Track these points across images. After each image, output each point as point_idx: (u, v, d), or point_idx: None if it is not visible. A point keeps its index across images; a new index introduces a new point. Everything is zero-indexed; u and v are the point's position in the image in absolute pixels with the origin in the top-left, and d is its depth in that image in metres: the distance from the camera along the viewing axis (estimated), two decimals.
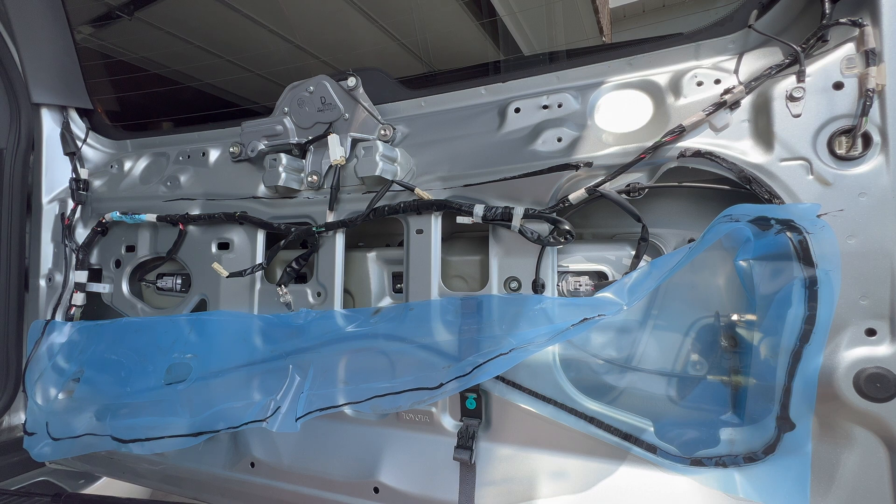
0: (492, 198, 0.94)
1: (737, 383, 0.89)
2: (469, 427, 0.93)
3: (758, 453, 0.76)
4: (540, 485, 0.89)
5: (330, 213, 1.08)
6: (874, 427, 0.70)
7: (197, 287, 1.24)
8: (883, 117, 0.70)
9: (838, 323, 0.70)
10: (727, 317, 0.90)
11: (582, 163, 0.87)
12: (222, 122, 1.34)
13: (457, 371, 0.87)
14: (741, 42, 0.86)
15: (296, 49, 1.41)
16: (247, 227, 1.19)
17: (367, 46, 1.37)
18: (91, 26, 1.52)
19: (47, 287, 1.41)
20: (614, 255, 0.96)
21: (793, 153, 0.74)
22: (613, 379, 0.98)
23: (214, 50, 1.50)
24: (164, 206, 1.30)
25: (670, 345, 0.95)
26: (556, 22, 1.11)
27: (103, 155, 1.52)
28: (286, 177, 1.10)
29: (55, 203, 1.44)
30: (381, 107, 1.12)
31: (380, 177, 0.99)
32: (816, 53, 0.76)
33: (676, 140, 0.80)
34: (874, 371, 0.68)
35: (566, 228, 0.85)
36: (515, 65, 1.07)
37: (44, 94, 1.41)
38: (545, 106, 0.97)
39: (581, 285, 0.94)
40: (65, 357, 1.33)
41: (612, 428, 0.85)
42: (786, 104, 0.75)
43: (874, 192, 0.70)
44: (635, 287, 0.79)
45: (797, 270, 0.72)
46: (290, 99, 1.15)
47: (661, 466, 0.82)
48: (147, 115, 1.53)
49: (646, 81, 0.90)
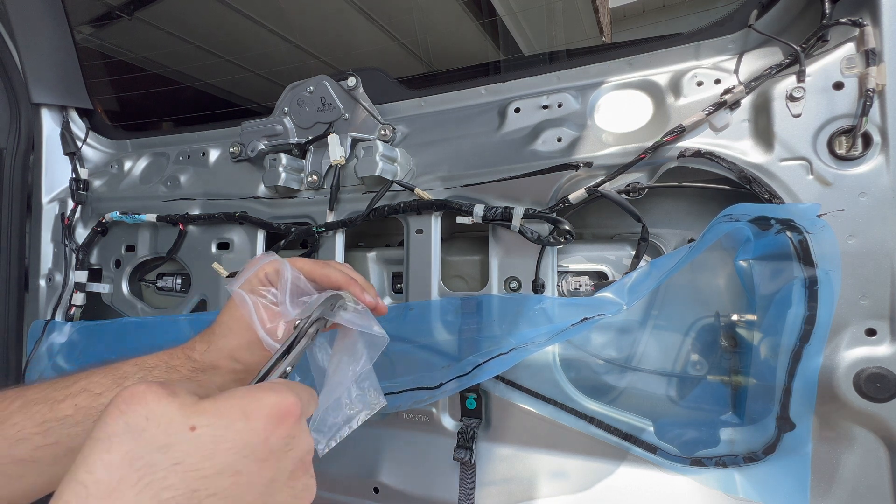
0: (492, 198, 0.94)
1: (737, 383, 0.89)
2: (469, 427, 0.93)
3: (758, 453, 0.76)
4: (540, 484, 0.89)
5: (330, 213, 1.08)
6: (874, 427, 0.70)
7: (197, 287, 1.24)
8: (883, 117, 0.70)
9: (838, 323, 0.70)
10: (727, 317, 0.90)
11: (582, 163, 0.87)
12: (222, 122, 1.34)
13: (457, 371, 0.87)
14: (741, 42, 0.86)
15: (296, 49, 1.41)
16: (247, 227, 1.19)
17: (367, 46, 1.37)
18: (91, 26, 1.52)
19: (47, 287, 1.41)
20: (614, 255, 0.96)
21: (793, 153, 0.74)
22: (613, 379, 0.98)
23: (214, 50, 1.50)
24: (164, 206, 1.30)
25: (670, 345, 0.95)
26: (556, 22, 1.11)
27: (103, 155, 1.52)
28: (286, 177, 1.10)
29: (55, 203, 1.44)
30: (381, 107, 1.12)
31: (380, 177, 0.99)
32: (816, 53, 0.76)
33: (676, 140, 0.80)
34: (874, 371, 0.68)
35: (566, 228, 0.85)
36: (515, 65, 1.07)
37: (44, 94, 1.41)
38: (545, 106, 0.97)
39: (581, 285, 0.94)
40: (65, 357, 1.33)
41: (612, 428, 0.85)
42: (786, 104, 0.75)
43: (874, 191, 0.70)
44: (635, 287, 0.79)
45: (797, 270, 0.72)
46: (290, 99, 1.15)
47: (661, 466, 0.82)
48: (147, 115, 1.53)
49: (646, 81, 0.90)
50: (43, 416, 0.52)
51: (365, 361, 0.58)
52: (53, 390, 0.55)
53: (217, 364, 0.61)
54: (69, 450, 0.53)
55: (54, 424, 0.52)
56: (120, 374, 0.58)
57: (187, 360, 0.61)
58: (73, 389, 0.55)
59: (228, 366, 0.61)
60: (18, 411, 0.53)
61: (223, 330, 0.62)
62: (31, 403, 0.53)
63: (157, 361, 0.61)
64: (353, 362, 0.58)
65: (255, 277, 0.62)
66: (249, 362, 0.61)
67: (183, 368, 0.61)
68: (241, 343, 0.61)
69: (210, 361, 0.61)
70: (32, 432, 0.52)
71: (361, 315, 0.59)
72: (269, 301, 0.61)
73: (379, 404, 0.58)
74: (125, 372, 0.58)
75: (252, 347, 0.60)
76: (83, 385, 0.56)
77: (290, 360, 0.49)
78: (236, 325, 0.61)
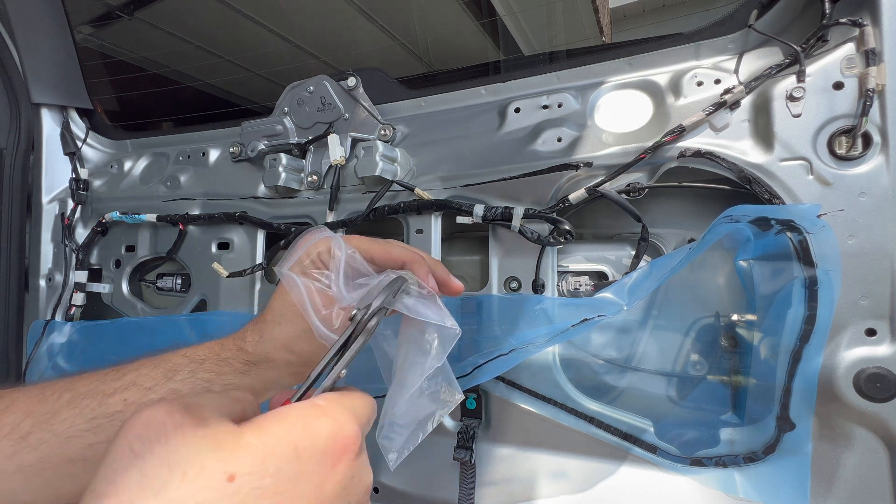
0: (492, 198, 0.94)
1: (737, 383, 0.89)
2: (469, 427, 0.93)
3: (758, 453, 0.76)
4: (540, 484, 0.89)
5: (330, 213, 1.08)
6: (874, 427, 0.70)
7: (197, 287, 1.24)
8: (883, 117, 0.70)
9: (838, 323, 0.70)
10: (727, 317, 0.90)
11: (582, 163, 0.87)
12: (222, 122, 1.34)
13: (457, 371, 0.87)
14: (741, 42, 0.86)
15: (296, 49, 1.41)
16: (247, 227, 1.19)
17: (367, 46, 1.37)
18: (91, 26, 1.52)
19: (47, 287, 1.41)
20: (614, 255, 0.96)
21: (793, 153, 0.74)
22: (613, 379, 0.98)
23: (214, 50, 1.50)
24: (164, 206, 1.30)
25: (670, 345, 0.95)
26: (556, 22, 1.11)
27: (103, 155, 1.52)
28: (286, 177, 1.10)
29: (55, 203, 1.44)
30: (381, 107, 1.12)
31: (380, 177, 0.99)
32: (816, 53, 0.76)
33: (676, 140, 0.80)
34: (874, 371, 0.68)
35: (566, 228, 0.85)
36: (515, 65, 1.07)
37: (44, 94, 1.41)
38: (545, 106, 0.97)
39: (581, 285, 0.94)
40: (65, 358, 1.33)
41: (612, 428, 0.85)
42: (786, 104, 0.75)
43: (874, 192, 0.70)
44: (635, 288, 0.79)
45: (797, 270, 0.72)
46: (290, 99, 1.15)
47: (661, 466, 0.82)
48: (147, 115, 1.53)
49: (646, 81, 0.90)
50: (93, 411, 0.49)
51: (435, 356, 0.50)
52: (103, 383, 0.52)
53: (271, 356, 0.56)
54: None
55: (104, 421, 0.49)
56: (170, 367, 0.54)
57: (239, 351, 0.57)
58: (122, 382, 0.52)
59: (283, 357, 0.56)
60: (67, 406, 0.49)
61: (275, 317, 0.56)
62: (81, 397, 0.50)
63: (208, 353, 0.56)
64: (421, 355, 0.50)
65: (306, 257, 0.55)
66: (306, 353, 0.56)
67: (235, 361, 0.56)
68: (296, 332, 0.55)
69: (263, 353, 0.56)
70: (83, 429, 0.48)
71: (428, 302, 0.51)
72: (324, 284, 0.54)
73: (455, 401, 0.51)
74: (175, 364, 0.55)
75: (308, 336, 0.54)
76: (132, 378, 0.53)
77: (344, 362, 0.43)
78: (289, 311, 0.55)
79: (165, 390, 0.53)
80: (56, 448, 0.47)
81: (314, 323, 0.51)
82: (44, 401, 0.50)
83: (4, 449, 0.46)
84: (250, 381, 0.57)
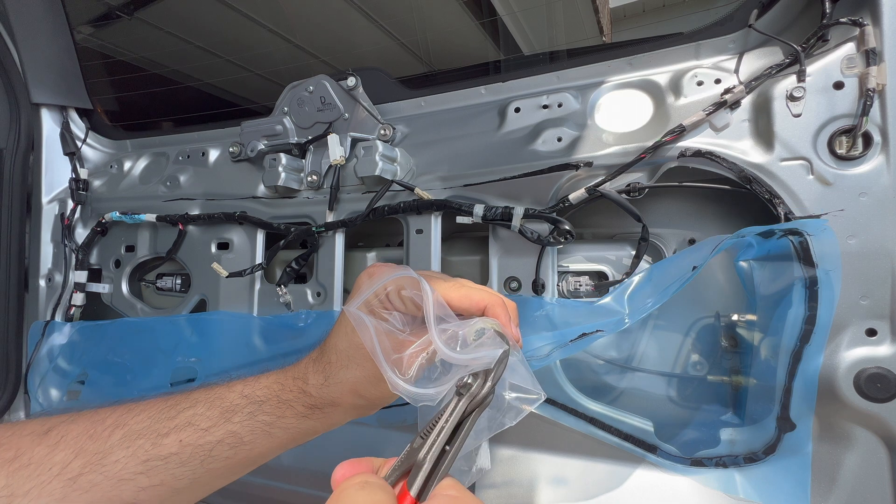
0: (492, 198, 0.94)
1: (737, 383, 0.89)
2: None
3: (758, 454, 0.76)
4: (540, 486, 0.89)
5: (330, 212, 1.08)
6: (874, 427, 0.70)
7: (196, 287, 1.24)
8: (883, 117, 0.70)
9: (838, 323, 0.70)
10: (727, 317, 0.90)
11: (582, 163, 0.87)
12: (222, 122, 1.34)
13: None
14: (741, 42, 0.86)
15: (296, 49, 1.41)
16: (246, 227, 1.19)
17: (367, 46, 1.37)
18: (91, 26, 1.52)
19: (47, 287, 1.41)
20: (614, 255, 0.96)
21: (793, 153, 0.74)
22: (614, 379, 0.98)
23: (214, 50, 1.50)
24: (163, 206, 1.30)
25: (670, 345, 0.95)
26: (556, 22, 1.11)
27: (103, 155, 1.52)
28: (286, 177, 1.10)
29: (55, 203, 1.44)
30: (381, 106, 1.12)
31: (380, 177, 0.99)
32: (817, 53, 0.76)
33: (676, 140, 0.80)
34: (874, 371, 0.68)
35: (566, 228, 0.85)
36: (515, 64, 1.07)
37: (44, 94, 1.41)
38: (545, 106, 0.97)
39: (581, 285, 0.94)
40: (66, 359, 1.33)
41: (612, 428, 0.85)
42: (786, 104, 0.75)
43: (875, 191, 0.69)
44: (636, 294, 0.78)
45: (797, 271, 0.72)
46: (290, 99, 1.15)
47: (662, 467, 0.82)
48: (147, 115, 1.53)
49: (646, 81, 0.90)
50: (146, 452, 0.48)
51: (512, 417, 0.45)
52: (156, 421, 0.50)
53: (337, 401, 0.53)
54: (174, 491, 0.49)
55: (158, 464, 0.48)
56: (227, 406, 0.52)
57: (301, 394, 0.54)
58: (177, 422, 0.50)
59: (351, 402, 0.54)
60: (120, 445, 0.48)
61: (342, 360, 0.53)
62: (134, 436, 0.48)
63: (268, 393, 0.53)
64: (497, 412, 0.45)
65: (374, 297, 0.52)
66: (375, 398, 0.53)
67: (297, 404, 0.53)
68: (366, 376, 0.52)
69: (329, 398, 0.53)
70: (136, 472, 0.47)
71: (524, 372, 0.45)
72: (393, 326, 0.51)
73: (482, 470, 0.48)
74: (232, 404, 0.52)
75: (378, 380, 0.50)
76: (188, 417, 0.51)
77: (451, 456, 0.37)
78: (357, 354, 0.52)
79: (223, 432, 0.51)
80: (107, 491, 0.46)
81: (388, 374, 0.47)
82: (95, 437, 0.48)
83: (55, 491, 0.45)
84: (313, 424, 0.55)
